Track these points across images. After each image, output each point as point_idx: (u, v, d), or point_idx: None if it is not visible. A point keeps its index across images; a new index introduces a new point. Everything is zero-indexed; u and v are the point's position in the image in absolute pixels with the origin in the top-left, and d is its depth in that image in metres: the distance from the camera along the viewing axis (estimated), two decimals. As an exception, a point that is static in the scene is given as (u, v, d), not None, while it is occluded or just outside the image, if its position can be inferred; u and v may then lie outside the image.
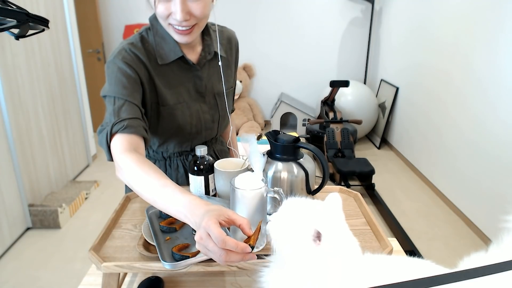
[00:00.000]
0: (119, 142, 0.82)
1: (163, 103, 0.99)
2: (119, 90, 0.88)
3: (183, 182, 1.12)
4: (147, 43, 0.97)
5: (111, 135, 0.83)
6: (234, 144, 1.31)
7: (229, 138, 1.29)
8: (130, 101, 0.88)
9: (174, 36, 0.93)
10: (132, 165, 0.76)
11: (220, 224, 0.60)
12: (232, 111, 1.21)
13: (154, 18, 0.98)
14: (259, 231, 0.63)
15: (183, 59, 1.00)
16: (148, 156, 1.13)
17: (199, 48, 1.03)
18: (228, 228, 0.79)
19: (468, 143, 2.63)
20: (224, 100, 1.11)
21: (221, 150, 1.22)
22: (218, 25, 1.07)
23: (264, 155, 0.81)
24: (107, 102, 0.88)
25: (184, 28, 0.89)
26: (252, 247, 0.59)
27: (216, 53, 1.05)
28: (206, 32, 1.04)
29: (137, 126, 0.85)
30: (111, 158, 0.84)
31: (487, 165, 2.40)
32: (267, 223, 0.61)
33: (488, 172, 2.39)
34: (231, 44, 1.12)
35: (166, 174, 1.10)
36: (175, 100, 1.01)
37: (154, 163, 1.10)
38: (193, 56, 1.02)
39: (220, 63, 1.06)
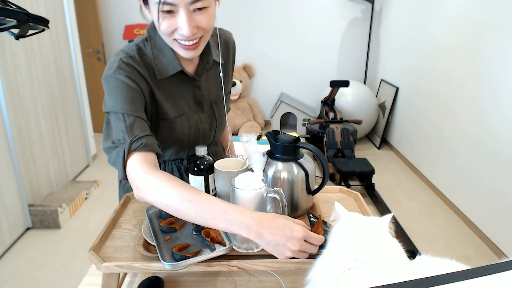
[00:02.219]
0: (138, 161, 0.78)
1: (163, 117, 0.96)
2: (128, 106, 0.83)
3: None
4: (145, 55, 0.92)
5: (129, 153, 0.79)
6: (232, 151, 1.30)
7: (228, 143, 1.28)
8: (140, 117, 0.84)
9: (179, 52, 0.88)
10: (162, 184, 0.73)
11: None
12: (228, 110, 1.19)
13: (152, 29, 0.92)
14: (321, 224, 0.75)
15: (182, 71, 0.96)
16: None
17: (197, 58, 1.00)
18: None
19: (468, 143, 2.63)
20: (222, 107, 1.09)
21: (216, 151, 1.21)
22: (215, 28, 1.02)
23: (264, 155, 0.81)
24: (114, 118, 0.83)
25: (191, 43, 0.85)
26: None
27: (214, 61, 1.02)
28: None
29: (153, 144, 0.82)
30: (125, 177, 0.80)
31: (487, 165, 2.40)
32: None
33: (488, 172, 2.39)
34: (228, 47, 1.09)
35: None
36: (175, 114, 0.98)
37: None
38: (191, 67, 0.99)
39: (221, 74, 1.03)
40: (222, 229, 0.69)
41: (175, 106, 0.98)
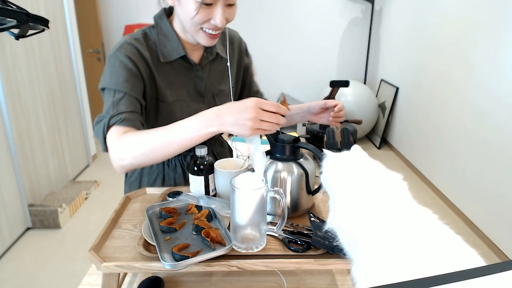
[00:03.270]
0: (115, 133, 0.84)
1: (162, 99, 1.00)
2: (120, 82, 0.89)
3: (181, 182, 1.12)
4: (150, 40, 0.99)
5: (108, 127, 0.85)
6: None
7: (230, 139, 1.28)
8: (130, 94, 0.89)
9: (202, 40, 0.94)
10: (131, 137, 0.82)
11: None
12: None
13: (159, 17, 1.00)
14: (285, 101, 0.81)
15: (185, 58, 1.01)
16: None
17: (201, 49, 1.05)
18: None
19: (468, 143, 2.63)
20: (226, 100, 1.11)
21: (220, 151, 1.21)
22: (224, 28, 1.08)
23: (265, 155, 0.81)
24: (106, 94, 0.90)
25: (216, 32, 0.92)
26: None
27: (218, 54, 1.07)
28: None
29: (134, 120, 0.87)
30: (106, 149, 0.87)
31: (488, 164, 2.40)
32: (267, 223, 0.62)
33: (488, 171, 2.39)
34: (233, 44, 1.13)
35: (164, 174, 1.11)
36: (174, 98, 1.01)
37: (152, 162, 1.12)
38: (195, 56, 1.04)
39: (228, 63, 1.07)
40: (196, 139, 0.76)
41: (174, 91, 1.01)
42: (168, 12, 1.03)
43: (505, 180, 2.22)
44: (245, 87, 1.21)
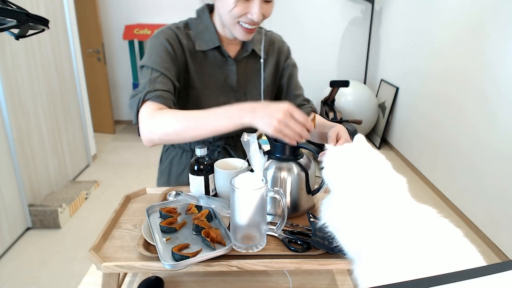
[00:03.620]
0: (149, 108, 0.89)
1: (192, 85, 1.04)
2: (158, 62, 0.95)
3: None
4: (190, 30, 1.04)
5: (143, 101, 0.90)
6: None
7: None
8: (166, 74, 0.95)
9: (238, 34, 0.97)
10: (166, 113, 0.86)
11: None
12: (311, 108, 1.23)
13: (201, 10, 1.06)
14: (315, 119, 0.83)
15: (220, 50, 1.05)
16: (172, 146, 1.19)
17: (238, 45, 1.08)
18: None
19: (468, 143, 2.63)
20: (258, 99, 1.11)
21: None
22: (264, 29, 1.13)
23: (264, 155, 0.81)
24: (144, 71, 0.96)
25: (252, 27, 0.96)
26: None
27: (254, 52, 1.09)
28: None
29: (168, 98, 0.92)
30: (137, 121, 0.92)
31: (488, 164, 2.40)
32: (267, 223, 0.62)
33: (489, 171, 2.39)
34: (273, 46, 1.16)
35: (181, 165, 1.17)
36: (203, 87, 1.05)
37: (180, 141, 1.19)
38: (231, 51, 1.07)
39: (262, 60, 1.09)
40: (228, 126, 0.80)
41: (205, 80, 1.05)
42: (211, 8, 1.07)
43: (506, 180, 2.22)
44: (283, 90, 1.20)
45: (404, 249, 0.53)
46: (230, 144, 1.17)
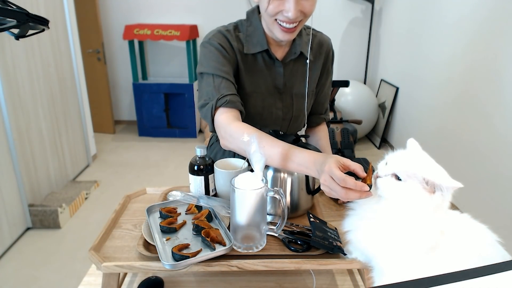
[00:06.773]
0: (224, 115, 0.91)
1: (241, 86, 1.05)
2: (217, 67, 0.96)
3: None
4: (239, 32, 1.05)
5: (215, 109, 0.92)
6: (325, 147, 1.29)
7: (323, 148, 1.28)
8: (227, 78, 0.96)
9: (277, 34, 0.96)
10: (241, 130, 0.86)
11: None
12: (324, 119, 1.30)
13: (251, 12, 1.06)
14: (372, 171, 0.74)
15: (268, 53, 1.04)
16: (217, 141, 1.19)
17: (286, 47, 1.07)
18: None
19: (468, 143, 2.63)
20: (303, 103, 1.12)
21: None
22: (313, 29, 1.12)
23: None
24: (205, 78, 0.97)
25: (290, 26, 0.93)
26: (370, 186, 0.68)
27: (301, 54, 1.08)
28: (298, 32, 1.05)
29: (236, 102, 0.94)
30: (214, 130, 0.95)
31: (488, 165, 2.40)
32: (267, 223, 0.62)
33: (488, 172, 2.39)
34: (321, 49, 1.14)
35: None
36: (252, 89, 1.05)
37: (215, 144, 1.19)
38: (279, 53, 1.07)
39: (307, 61, 1.08)
40: (292, 169, 0.79)
41: (253, 82, 1.05)
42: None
43: (506, 180, 2.22)
44: (317, 94, 1.21)
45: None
46: None
